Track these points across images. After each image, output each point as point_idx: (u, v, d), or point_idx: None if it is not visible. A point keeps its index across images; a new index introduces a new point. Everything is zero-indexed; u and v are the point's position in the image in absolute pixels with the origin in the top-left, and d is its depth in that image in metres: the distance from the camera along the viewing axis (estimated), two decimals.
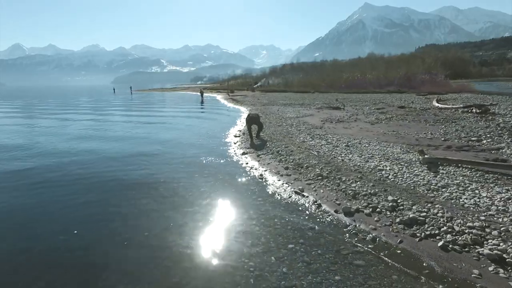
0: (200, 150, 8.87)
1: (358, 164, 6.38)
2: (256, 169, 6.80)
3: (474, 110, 12.68)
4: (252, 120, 10.10)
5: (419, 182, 5.14)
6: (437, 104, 15.75)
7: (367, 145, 7.95)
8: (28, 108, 28.04)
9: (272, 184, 5.78)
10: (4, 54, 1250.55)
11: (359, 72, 43.47)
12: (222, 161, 7.63)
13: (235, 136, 10.79)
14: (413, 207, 4.28)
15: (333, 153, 7.38)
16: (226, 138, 10.65)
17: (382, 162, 6.35)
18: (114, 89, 70.64)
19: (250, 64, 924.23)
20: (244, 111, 19.77)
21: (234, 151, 8.64)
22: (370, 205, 4.49)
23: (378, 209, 4.37)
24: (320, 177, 5.80)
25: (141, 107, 27.90)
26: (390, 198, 4.61)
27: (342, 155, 7.14)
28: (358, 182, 5.35)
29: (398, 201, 4.51)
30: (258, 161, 7.43)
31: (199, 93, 38.54)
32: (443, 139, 8.39)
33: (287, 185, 5.68)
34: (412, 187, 5.00)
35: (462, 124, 10.54)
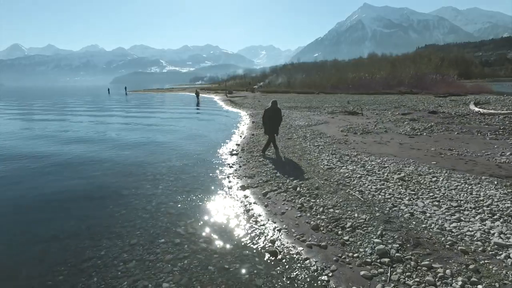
0: (178, 180, 6.09)
1: (447, 227, 3.59)
2: (263, 225, 4.06)
3: None
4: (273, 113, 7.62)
5: None
6: (476, 109, 13.03)
7: (433, 179, 5.17)
8: (12, 110, 25.25)
9: (295, 273, 3.04)
10: (3, 54, 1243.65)
11: (366, 71, 41.02)
12: (208, 205, 4.89)
13: (232, 154, 8.04)
14: None
15: (386, 194, 4.60)
16: (219, 157, 7.88)
17: (489, 223, 3.58)
18: (108, 90, 68.00)
19: (250, 64, 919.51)
20: (244, 115, 17.11)
21: (229, 181, 5.89)
22: None
23: None
24: (387, 260, 3.07)
25: (128, 110, 25.07)
26: None
27: (405, 200, 4.35)
28: (480, 286, 2.62)
29: None
30: (266, 205, 4.68)
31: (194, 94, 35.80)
32: None
33: (325, 277, 2.94)
34: None
35: None
